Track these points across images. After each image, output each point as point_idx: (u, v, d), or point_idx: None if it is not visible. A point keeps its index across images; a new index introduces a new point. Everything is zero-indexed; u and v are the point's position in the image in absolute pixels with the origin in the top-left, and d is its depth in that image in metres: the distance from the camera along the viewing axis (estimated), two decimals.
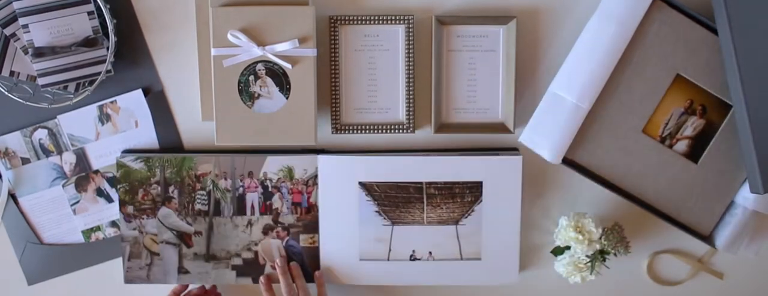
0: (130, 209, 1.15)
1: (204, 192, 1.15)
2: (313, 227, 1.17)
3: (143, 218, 1.16)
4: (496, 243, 1.17)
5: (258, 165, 1.15)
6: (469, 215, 1.17)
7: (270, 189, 1.16)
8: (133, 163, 1.14)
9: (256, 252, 1.17)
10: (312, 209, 1.16)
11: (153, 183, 1.15)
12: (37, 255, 1.19)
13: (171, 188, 1.15)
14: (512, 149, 1.17)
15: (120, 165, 1.14)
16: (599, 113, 1.11)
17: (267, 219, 1.17)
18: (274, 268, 1.17)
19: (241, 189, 1.16)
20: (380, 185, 1.16)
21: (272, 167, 1.15)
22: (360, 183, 1.16)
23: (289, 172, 1.15)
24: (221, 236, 1.17)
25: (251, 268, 1.17)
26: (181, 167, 1.14)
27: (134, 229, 1.16)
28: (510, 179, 1.16)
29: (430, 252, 1.18)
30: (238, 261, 1.17)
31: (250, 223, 1.16)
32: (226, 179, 1.15)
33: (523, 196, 1.18)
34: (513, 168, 1.15)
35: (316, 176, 1.16)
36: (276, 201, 1.16)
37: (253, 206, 1.16)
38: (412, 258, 1.18)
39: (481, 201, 1.16)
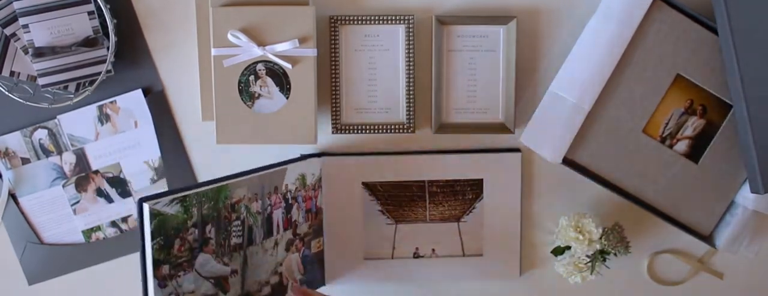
0: (165, 269, 0.92)
1: (238, 222, 1.01)
2: (321, 230, 1.17)
3: (179, 276, 0.94)
4: (498, 239, 1.18)
5: (281, 178, 1.07)
6: (470, 212, 1.17)
7: (290, 201, 1.09)
8: (168, 208, 0.92)
9: (280, 274, 1.09)
10: (319, 212, 1.16)
11: (190, 227, 0.94)
12: (37, 255, 1.19)
13: (208, 228, 0.97)
14: (514, 150, 1.17)
15: (155, 214, 0.91)
16: (599, 113, 1.11)
17: (289, 234, 1.10)
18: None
19: (269, 208, 1.06)
20: (383, 184, 1.16)
21: (290, 177, 1.09)
22: (363, 183, 1.16)
23: (303, 179, 1.12)
24: (254, 267, 1.04)
25: (278, 293, 1.08)
26: (218, 199, 0.97)
27: (170, 294, 0.93)
28: (510, 175, 1.16)
29: (433, 250, 1.18)
30: (267, 290, 1.06)
31: (276, 243, 1.07)
32: (256, 200, 1.03)
33: (524, 196, 1.18)
34: (513, 165, 1.16)
35: (321, 179, 1.16)
36: (295, 213, 1.10)
37: (278, 224, 1.08)
38: (416, 256, 1.18)
39: (482, 198, 1.17)
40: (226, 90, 1.09)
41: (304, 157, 1.14)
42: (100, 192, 1.18)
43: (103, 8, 1.07)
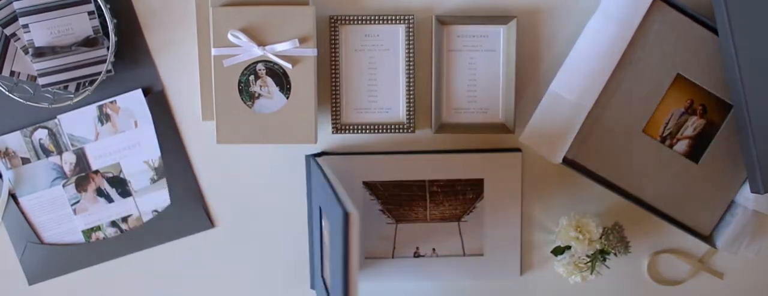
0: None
1: None
2: None
3: None
4: (498, 239, 1.18)
5: None
6: (471, 211, 1.17)
7: None
8: None
9: None
10: None
11: None
12: (37, 254, 1.19)
13: None
14: (514, 150, 1.17)
15: None
16: (599, 113, 1.11)
17: None
18: None
19: None
20: (384, 184, 1.16)
21: None
22: (364, 183, 1.16)
23: None
24: None
25: None
26: None
27: None
28: (510, 175, 1.16)
29: (434, 249, 1.18)
30: None
31: None
32: None
33: (524, 196, 1.18)
34: (513, 165, 1.16)
35: None
36: None
37: None
38: (416, 255, 1.18)
39: (482, 198, 1.17)
40: (226, 90, 1.09)
41: (313, 156, 1.14)
42: (100, 192, 1.18)
43: (103, 8, 1.07)
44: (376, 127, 1.15)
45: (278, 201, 1.18)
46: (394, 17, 1.12)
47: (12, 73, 1.12)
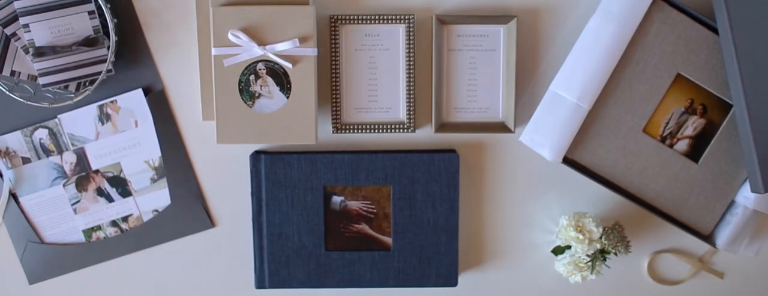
0: None
1: None
2: None
3: None
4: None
5: None
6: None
7: None
8: None
9: None
10: None
11: None
12: (38, 254, 1.19)
13: None
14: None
15: None
16: (599, 113, 1.11)
17: None
18: None
19: None
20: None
21: None
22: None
23: None
24: None
25: None
26: None
27: None
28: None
29: None
30: None
31: None
32: None
33: (524, 196, 1.18)
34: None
35: None
36: None
37: None
38: None
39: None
40: (226, 90, 1.09)
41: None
42: (100, 192, 1.18)
43: (103, 8, 1.07)
44: (376, 126, 1.15)
45: None
46: (394, 17, 1.12)
47: (12, 72, 1.12)
